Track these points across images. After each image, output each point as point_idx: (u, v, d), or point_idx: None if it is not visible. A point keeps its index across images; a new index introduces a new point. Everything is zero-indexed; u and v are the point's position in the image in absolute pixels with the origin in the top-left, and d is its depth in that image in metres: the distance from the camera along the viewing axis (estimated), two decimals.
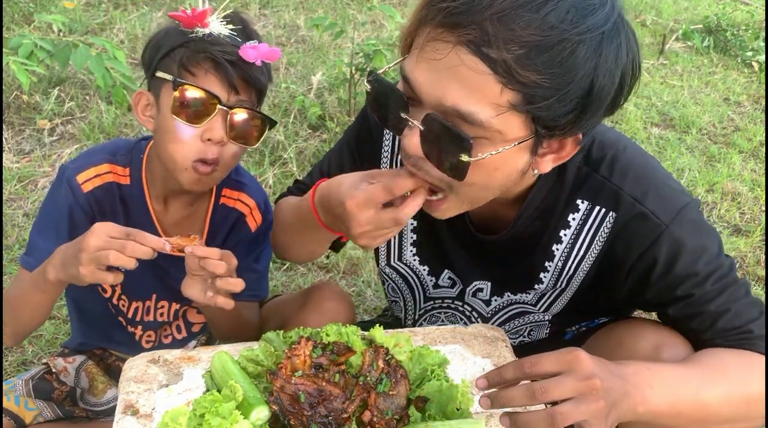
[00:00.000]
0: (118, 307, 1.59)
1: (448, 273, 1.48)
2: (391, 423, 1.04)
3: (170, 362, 1.22)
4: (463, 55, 0.92)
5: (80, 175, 1.44)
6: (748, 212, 3.23)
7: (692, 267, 1.17)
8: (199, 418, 1.00)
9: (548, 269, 1.33)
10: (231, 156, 1.37)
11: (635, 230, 1.19)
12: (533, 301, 1.42)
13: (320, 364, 1.09)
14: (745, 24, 5.46)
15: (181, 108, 1.30)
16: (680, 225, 1.17)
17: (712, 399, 1.07)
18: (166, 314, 1.62)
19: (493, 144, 0.98)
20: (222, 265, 1.23)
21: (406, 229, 1.47)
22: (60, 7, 4.29)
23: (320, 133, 3.37)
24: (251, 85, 1.34)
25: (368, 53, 3.19)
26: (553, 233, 1.29)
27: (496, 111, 0.94)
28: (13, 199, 2.76)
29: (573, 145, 1.06)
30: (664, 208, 1.18)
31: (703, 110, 4.19)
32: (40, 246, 1.41)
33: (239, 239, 1.56)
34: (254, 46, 1.32)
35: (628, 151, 1.23)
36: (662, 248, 1.17)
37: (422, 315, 1.57)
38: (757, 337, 1.15)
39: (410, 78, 1.00)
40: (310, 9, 4.87)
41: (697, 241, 1.18)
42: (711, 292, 1.17)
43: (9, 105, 3.28)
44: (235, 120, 1.33)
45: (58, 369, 1.65)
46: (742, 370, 1.11)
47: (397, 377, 1.09)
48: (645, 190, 1.19)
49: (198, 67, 1.31)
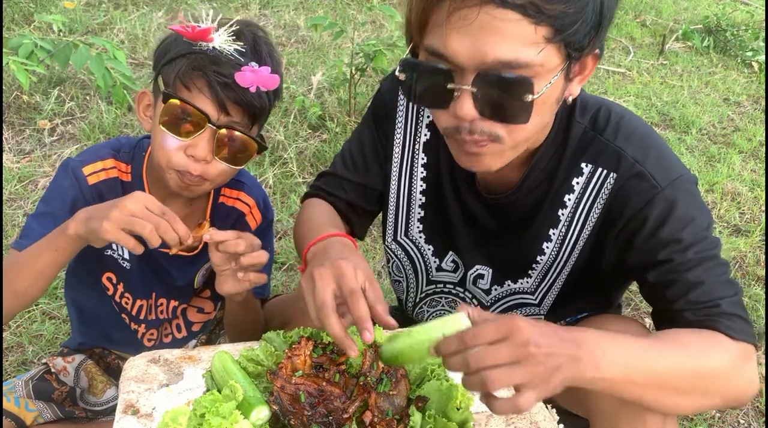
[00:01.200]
0: (121, 305, 1.59)
1: (452, 256, 1.49)
2: (392, 424, 1.04)
3: (171, 362, 1.22)
4: (492, 11, 0.99)
5: (86, 167, 1.44)
6: (748, 212, 3.23)
7: (678, 234, 1.18)
8: (199, 418, 1.00)
9: (551, 237, 1.35)
10: (218, 173, 1.36)
11: (632, 189, 1.22)
12: (532, 288, 1.43)
13: (320, 364, 1.09)
14: (745, 24, 5.46)
15: (169, 120, 1.29)
16: (675, 190, 1.20)
17: (667, 369, 1.06)
18: (166, 311, 1.62)
19: (541, 78, 1.05)
20: (240, 243, 1.24)
21: (413, 204, 1.49)
22: (60, 7, 4.29)
23: (320, 133, 3.37)
24: (244, 108, 1.32)
25: (368, 53, 3.19)
26: (558, 197, 1.31)
27: (536, 49, 1.02)
28: (13, 199, 2.76)
29: (593, 62, 1.16)
30: (663, 171, 1.21)
31: (702, 110, 4.19)
32: (36, 230, 1.39)
33: None
34: (254, 70, 1.28)
35: (633, 119, 1.29)
36: (654, 209, 1.20)
37: (423, 299, 1.58)
38: (724, 314, 1.15)
39: (445, 51, 1.04)
40: (310, 9, 4.87)
41: (689, 211, 1.20)
42: (690, 262, 1.18)
43: (9, 105, 3.28)
44: (222, 140, 1.31)
45: (57, 368, 1.65)
46: (701, 346, 1.11)
47: (397, 377, 1.09)
48: (646, 153, 1.23)
49: (193, 82, 1.29)
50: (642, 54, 5.01)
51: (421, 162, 1.45)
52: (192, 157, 1.31)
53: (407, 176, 1.47)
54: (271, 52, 1.37)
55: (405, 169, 1.47)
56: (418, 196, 1.47)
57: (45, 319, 2.24)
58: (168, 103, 1.29)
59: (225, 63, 1.28)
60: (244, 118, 1.33)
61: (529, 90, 1.03)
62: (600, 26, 1.07)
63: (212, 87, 1.27)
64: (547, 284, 1.43)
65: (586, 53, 1.10)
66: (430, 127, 1.43)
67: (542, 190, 1.32)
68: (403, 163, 1.47)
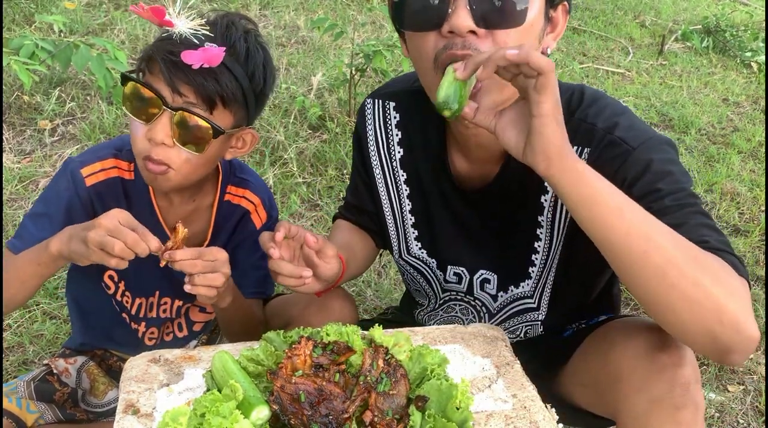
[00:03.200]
0: (122, 304, 1.60)
1: (453, 269, 1.51)
2: (392, 424, 1.05)
3: (171, 361, 1.23)
4: None
5: (85, 168, 1.45)
6: (747, 212, 3.23)
7: (655, 185, 1.17)
8: (199, 418, 1.01)
9: (542, 224, 1.35)
10: (183, 160, 1.32)
11: (606, 157, 1.22)
12: (531, 291, 1.44)
13: (320, 364, 1.10)
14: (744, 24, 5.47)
15: (129, 103, 1.30)
16: (648, 149, 1.20)
17: (654, 223, 1.05)
18: (169, 310, 1.62)
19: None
20: (197, 264, 1.24)
21: (407, 225, 1.51)
22: (61, 7, 4.30)
23: (320, 133, 3.38)
24: (196, 89, 1.27)
25: (368, 54, 3.20)
26: (539, 184, 1.31)
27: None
28: (14, 199, 2.77)
29: (564, 17, 1.23)
30: (634, 134, 1.22)
31: (702, 110, 4.20)
32: (30, 232, 1.41)
33: (244, 237, 1.56)
34: (205, 49, 1.24)
35: (607, 99, 1.31)
36: (630, 167, 1.19)
37: (440, 305, 1.60)
38: (713, 249, 1.08)
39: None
40: (311, 10, 4.88)
41: (665, 166, 1.19)
42: (670, 208, 1.14)
43: (10, 105, 3.29)
44: (181, 123, 1.28)
45: (59, 370, 1.66)
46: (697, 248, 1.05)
47: (397, 376, 1.09)
48: (616, 122, 1.24)
49: (151, 65, 1.29)
50: (641, 54, 5.02)
51: (402, 180, 1.48)
52: (152, 141, 1.29)
53: (396, 197, 1.50)
54: (247, 39, 1.32)
55: (392, 192, 1.50)
56: (408, 216, 1.50)
57: (46, 319, 2.24)
58: (126, 86, 1.29)
59: (181, 44, 1.25)
60: (199, 100, 1.28)
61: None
62: None
63: (161, 67, 1.26)
64: (542, 283, 1.43)
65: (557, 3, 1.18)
66: (402, 144, 1.46)
67: (522, 178, 1.31)
68: (388, 185, 1.50)
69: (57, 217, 1.42)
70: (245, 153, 1.45)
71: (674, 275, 1.02)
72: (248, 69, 1.31)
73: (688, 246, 1.05)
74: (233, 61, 1.28)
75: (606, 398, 1.28)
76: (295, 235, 1.28)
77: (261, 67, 1.34)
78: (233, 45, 1.29)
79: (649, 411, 1.16)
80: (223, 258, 1.29)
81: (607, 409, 1.33)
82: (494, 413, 1.15)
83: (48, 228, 1.38)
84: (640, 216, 1.06)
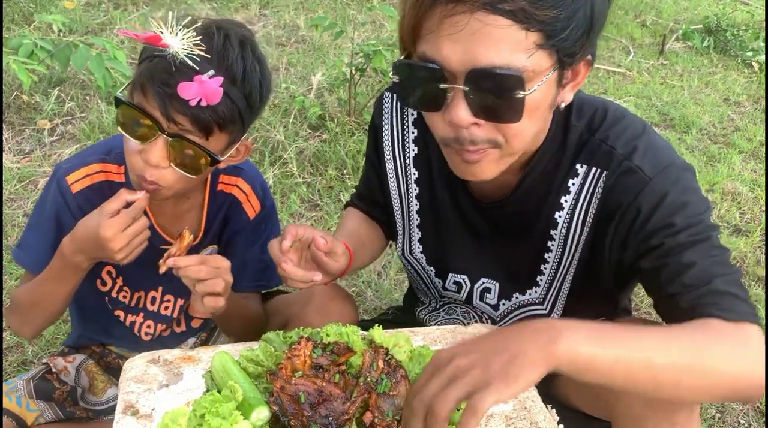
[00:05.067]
0: (117, 300, 1.59)
1: (453, 278, 1.50)
2: (392, 425, 1.04)
3: (170, 362, 1.22)
4: (483, 18, 0.99)
5: (70, 175, 1.44)
6: (748, 212, 3.23)
7: (669, 219, 1.16)
8: (199, 418, 1.00)
9: (554, 237, 1.34)
10: (176, 180, 1.31)
11: (622, 185, 1.22)
12: (540, 298, 1.42)
13: (320, 364, 1.09)
14: (745, 24, 5.46)
15: (124, 123, 1.28)
16: (665, 179, 1.19)
17: (656, 347, 1.01)
18: (171, 308, 1.61)
19: (532, 81, 1.06)
20: (202, 270, 1.25)
21: (412, 225, 1.50)
22: (60, 7, 4.29)
23: (320, 133, 3.37)
24: (192, 120, 1.24)
25: (368, 53, 3.19)
26: (555, 200, 1.31)
27: (526, 54, 1.02)
28: (13, 198, 2.76)
29: (585, 69, 1.16)
30: (651, 163, 1.21)
31: (703, 110, 4.19)
32: (31, 242, 1.46)
33: (238, 228, 1.55)
34: (202, 82, 1.20)
35: (628, 118, 1.29)
36: (645, 199, 1.19)
37: (441, 306, 1.60)
38: (717, 293, 1.10)
39: (437, 57, 1.05)
40: (310, 9, 4.87)
41: (681, 197, 1.18)
42: (682, 245, 1.15)
43: (9, 105, 3.28)
44: (174, 147, 1.27)
45: (58, 368, 1.65)
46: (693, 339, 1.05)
47: (398, 377, 1.09)
48: (635, 147, 1.23)
49: (147, 88, 1.25)
50: (642, 54, 5.01)
51: (413, 178, 1.46)
52: (147, 163, 1.28)
53: (405, 194, 1.49)
54: (244, 56, 1.28)
55: (402, 189, 1.49)
56: (415, 216, 1.49)
57: None
58: (120, 107, 1.27)
59: (177, 71, 1.21)
60: (196, 128, 1.26)
61: (520, 86, 1.03)
62: (591, 31, 1.07)
63: (156, 97, 1.23)
64: (554, 291, 1.42)
65: (578, 59, 1.10)
66: (417, 142, 1.44)
67: (539, 192, 1.32)
68: (399, 181, 1.49)
69: (49, 226, 1.45)
70: (240, 161, 1.44)
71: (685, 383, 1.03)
72: (245, 89, 1.28)
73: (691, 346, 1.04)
74: (230, 84, 1.25)
75: (602, 399, 1.28)
76: (302, 238, 1.27)
77: (258, 84, 1.31)
78: (230, 67, 1.25)
79: (645, 413, 1.16)
80: (225, 266, 1.30)
81: (603, 411, 1.33)
82: (495, 414, 1.14)
83: (43, 237, 1.42)
84: (637, 355, 1.01)
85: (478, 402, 0.89)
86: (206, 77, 1.20)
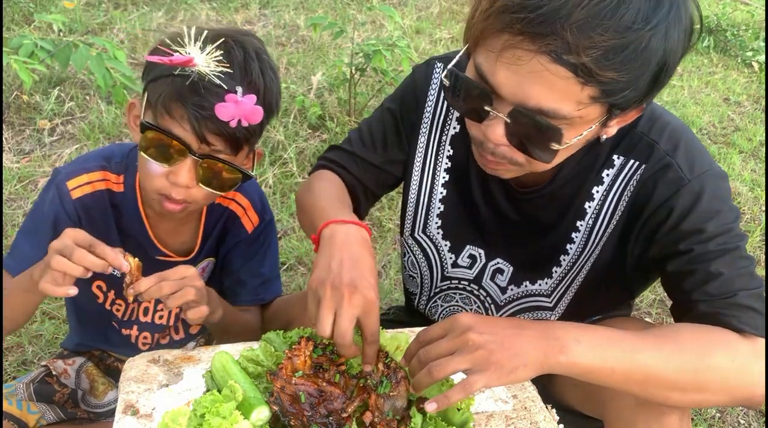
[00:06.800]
0: (111, 312, 1.58)
1: (470, 250, 1.49)
2: (392, 425, 1.04)
3: (170, 362, 1.22)
4: (545, 63, 0.98)
5: (71, 180, 1.42)
6: (748, 212, 3.23)
7: (701, 225, 1.18)
8: (199, 418, 1.00)
9: (579, 228, 1.35)
10: (202, 197, 1.32)
11: (660, 179, 1.22)
12: (549, 290, 1.43)
13: (320, 364, 1.09)
14: (745, 24, 5.46)
15: (150, 149, 1.26)
16: (702, 183, 1.20)
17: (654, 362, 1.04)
18: (166, 317, 1.61)
19: (575, 128, 1.07)
20: (163, 286, 1.20)
21: (434, 197, 1.48)
22: (60, 7, 4.29)
23: (320, 133, 3.37)
24: (226, 139, 1.25)
25: (368, 53, 3.19)
26: (588, 190, 1.31)
27: (577, 106, 1.02)
28: (13, 199, 2.76)
29: (637, 112, 1.15)
30: (691, 164, 1.22)
31: (703, 110, 4.19)
32: (22, 249, 1.40)
33: (236, 242, 1.54)
34: (237, 101, 1.19)
35: (667, 114, 1.30)
36: (680, 200, 1.19)
37: (437, 294, 1.58)
38: (738, 307, 1.13)
39: (491, 79, 1.05)
40: (310, 9, 4.87)
41: (714, 204, 1.19)
42: (711, 253, 1.16)
43: (9, 105, 3.28)
44: (204, 168, 1.27)
45: (58, 371, 1.65)
46: (701, 343, 1.09)
47: (398, 378, 1.09)
48: (677, 145, 1.23)
49: (174, 110, 1.23)
50: None
51: (446, 154, 1.45)
52: (174, 184, 1.28)
53: (431, 168, 1.46)
54: (263, 68, 1.28)
55: (429, 161, 1.46)
56: (440, 189, 1.47)
57: (45, 319, 2.24)
58: (146, 134, 1.25)
59: (207, 91, 1.20)
60: (227, 146, 1.26)
61: (557, 140, 1.05)
62: (654, 87, 1.04)
63: (191, 120, 1.22)
64: (564, 285, 1.42)
65: (630, 110, 1.10)
66: (460, 121, 1.42)
67: (575, 184, 1.32)
68: (428, 155, 1.46)
69: (45, 232, 1.40)
70: (251, 168, 1.43)
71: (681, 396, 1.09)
72: (266, 102, 1.29)
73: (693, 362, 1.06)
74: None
75: (594, 398, 1.29)
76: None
77: (276, 94, 1.32)
78: (254, 81, 1.26)
79: (636, 413, 1.17)
80: (191, 273, 1.25)
81: (595, 409, 1.33)
82: (495, 414, 1.14)
83: (37, 244, 1.36)
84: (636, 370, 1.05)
85: (472, 382, 0.97)
86: (239, 96, 1.20)
